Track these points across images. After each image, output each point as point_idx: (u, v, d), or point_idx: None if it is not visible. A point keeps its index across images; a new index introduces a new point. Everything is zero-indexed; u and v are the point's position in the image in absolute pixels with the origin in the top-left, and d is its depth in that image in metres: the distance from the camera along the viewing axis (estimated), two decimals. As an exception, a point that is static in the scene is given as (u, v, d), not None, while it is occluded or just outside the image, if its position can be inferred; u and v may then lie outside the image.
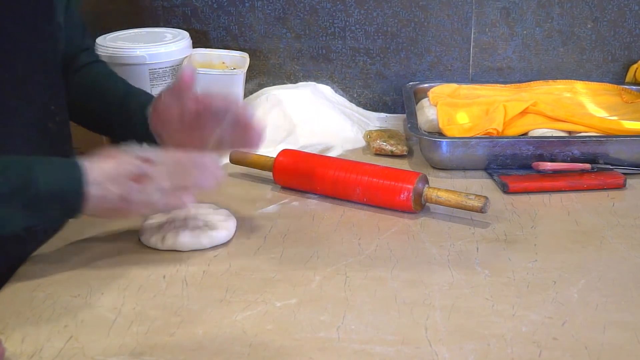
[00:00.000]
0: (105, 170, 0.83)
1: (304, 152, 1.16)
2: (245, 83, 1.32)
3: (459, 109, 1.31)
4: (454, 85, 1.40)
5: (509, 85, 1.42)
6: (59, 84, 0.99)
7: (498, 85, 1.42)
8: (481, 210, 0.99)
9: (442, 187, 1.04)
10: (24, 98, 0.91)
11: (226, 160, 1.22)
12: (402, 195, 1.03)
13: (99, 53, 1.25)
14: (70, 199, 0.82)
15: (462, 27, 1.43)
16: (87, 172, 0.82)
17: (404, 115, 1.37)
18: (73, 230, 1.01)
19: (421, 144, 1.22)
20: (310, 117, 1.34)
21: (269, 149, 1.26)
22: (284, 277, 0.89)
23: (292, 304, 0.83)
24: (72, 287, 0.86)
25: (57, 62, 0.98)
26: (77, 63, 1.08)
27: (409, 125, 1.23)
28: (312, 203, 1.09)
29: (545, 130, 1.23)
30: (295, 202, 1.09)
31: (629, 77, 1.44)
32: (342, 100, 1.47)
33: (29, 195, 0.79)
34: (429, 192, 1.03)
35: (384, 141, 1.26)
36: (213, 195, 1.11)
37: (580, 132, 1.22)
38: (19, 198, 0.79)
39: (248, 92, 1.43)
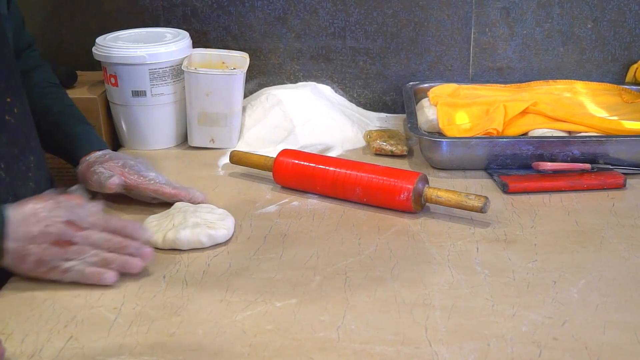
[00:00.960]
0: (28, 227, 0.81)
1: (304, 152, 1.16)
2: (245, 83, 1.32)
3: (459, 109, 1.31)
4: (454, 85, 1.40)
5: (509, 85, 1.42)
6: (12, 76, 0.97)
7: (498, 85, 1.42)
8: (481, 210, 0.99)
9: (442, 187, 1.04)
10: None
11: (226, 160, 1.23)
12: (402, 195, 1.03)
13: (98, 53, 1.26)
14: None
15: (462, 27, 1.43)
16: (8, 226, 0.81)
17: (404, 115, 1.37)
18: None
19: (421, 144, 1.22)
20: (310, 117, 1.34)
21: (269, 149, 1.26)
22: (284, 277, 0.89)
23: (292, 304, 0.83)
24: (72, 287, 0.86)
25: (6, 53, 0.96)
26: (20, 66, 1.06)
27: (409, 125, 1.23)
28: (312, 203, 1.09)
29: (545, 130, 1.23)
30: (295, 202, 1.09)
31: (629, 77, 1.44)
32: (342, 100, 1.47)
33: None
34: (428, 192, 1.03)
35: (384, 141, 1.26)
36: (213, 196, 1.11)
37: (580, 132, 1.22)
38: None
39: (248, 92, 1.43)
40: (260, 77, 1.47)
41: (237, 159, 1.18)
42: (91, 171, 1.05)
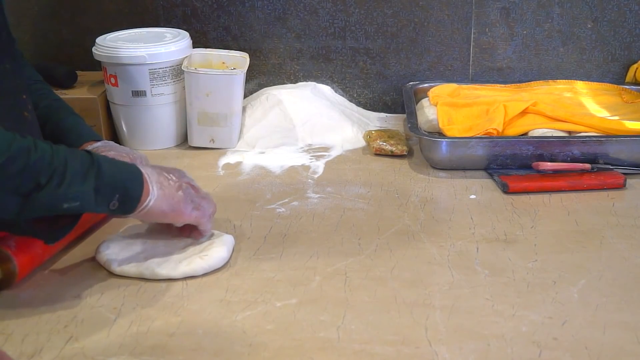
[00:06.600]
0: (161, 176, 0.88)
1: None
2: (245, 83, 1.32)
3: (459, 109, 1.31)
4: (454, 85, 1.40)
5: (509, 85, 1.42)
6: (23, 74, 0.97)
7: (498, 85, 1.42)
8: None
9: (442, 187, 1.03)
10: None
11: (226, 160, 1.22)
12: None
13: (98, 53, 1.26)
14: (131, 190, 0.83)
15: (462, 27, 1.43)
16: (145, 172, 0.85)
17: (404, 115, 1.38)
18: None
19: (421, 144, 1.22)
20: (310, 117, 1.34)
21: (268, 149, 1.26)
22: (284, 277, 0.89)
23: (292, 304, 0.83)
24: (72, 288, 0.86)
25: (16, 50, 0.96)
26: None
27: (409, 125, 1.23)
28: (312, 203, 1.09)
29: (545, 130, 1.23)
30: (295, 202, 1.09)
31: (629, 77, 1.44)
32: (342, 100, 1.47)
33: (98, 176, 0.80)
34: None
35: (384, 141, 1.26)
36: (213, 196, 1.11)
37: (580, 132, 1.22)
38: (91, 178, 0.79)
39: (248, 92, 1.43)
40: (260, 77, 1.47)
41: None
42: None
